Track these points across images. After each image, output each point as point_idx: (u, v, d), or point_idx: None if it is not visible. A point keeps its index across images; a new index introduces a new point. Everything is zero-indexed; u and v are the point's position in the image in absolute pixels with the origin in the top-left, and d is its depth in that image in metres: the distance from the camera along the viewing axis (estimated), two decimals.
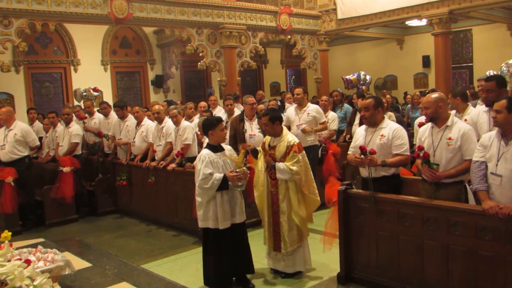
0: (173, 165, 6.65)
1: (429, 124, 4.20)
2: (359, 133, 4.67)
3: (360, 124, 5.46)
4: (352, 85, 12.06)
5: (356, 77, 12.03)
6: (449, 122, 4.06)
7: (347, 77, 12.16)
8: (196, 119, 7.79)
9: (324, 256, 4.73)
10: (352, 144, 4.79)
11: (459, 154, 3.97)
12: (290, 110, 7.56)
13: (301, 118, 7.30)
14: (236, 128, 6.93)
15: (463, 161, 3.96)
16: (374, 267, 4.36)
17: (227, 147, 4.71)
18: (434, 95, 4.15)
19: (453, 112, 4.37)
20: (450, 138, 3.99)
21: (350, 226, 4.50)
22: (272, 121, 4.74)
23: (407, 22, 13.72)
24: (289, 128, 6.99)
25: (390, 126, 4.46)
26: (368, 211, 4.34)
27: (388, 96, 11.12)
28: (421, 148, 4.04)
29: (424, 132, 4.26)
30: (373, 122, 4.52)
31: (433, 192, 4.04)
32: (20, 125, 7.34)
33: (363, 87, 12.09)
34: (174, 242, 6.34)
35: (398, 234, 4.13)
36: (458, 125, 4.04)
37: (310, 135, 7.37)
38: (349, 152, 4.76)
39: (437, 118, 4.09)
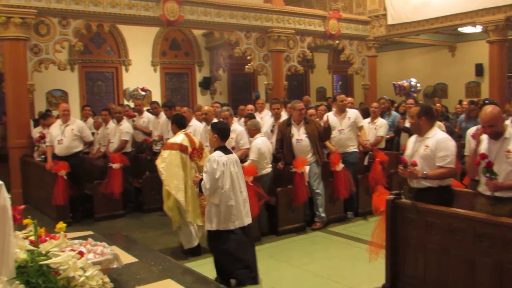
0: None
1: (485, 135, 4.05)
2: (410, 142, 4.59)
3: None
4: (404, 92, 11.82)
5: (409, 84, 11.79)
6: (507, 134, 3.92)
7: (400, 83, 11.92)
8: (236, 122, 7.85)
9: (370, 266, 4.66)
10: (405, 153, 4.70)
11: None
12: (330, 116, 7.53)
13: (342, 123, 7.28)
14: (283, 132, 6.94)
15: None
16: (421, 280, 4.24)
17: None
18: (495, 110, 3.95)
19: (508, 122, 4.20)
20: (509, 151, 3.85)
21: (398, 237, 4.40)
22: None
23: (460, 29, 13.36)
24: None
25: (435, 137, 4.31)
26: (416, 222, 4.22)
27: (438, 104, 10.85)
28: (484, 156, 3.90)
29: (481, 142, 4.11)
30: (418, 131, 4.42)
31: (490, 207, 3.90)
32: (76, 121, 7.72)
33: (415, 95, 11.83)
34: None
35: (448, 248, 3.99)
36: None
37: (351, 141, 7.32)
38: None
39: (498, 133, 3.95)
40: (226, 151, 4.74)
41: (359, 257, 5.30)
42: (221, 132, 4.81)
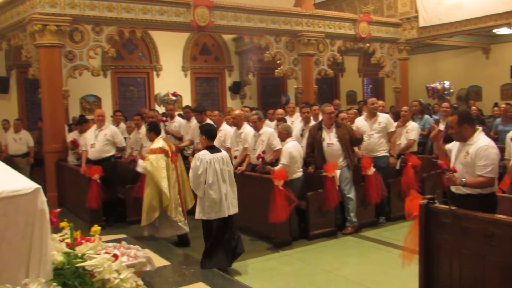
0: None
1: None
2: (454, 147, 4.47)
3: None
4: (438, 95, 11.61)
5: (442, 86, 11.58)
6: None
7: (433, 85, 11.71)
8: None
9: (403, 272, 4.58)
10: None
11: None
12: (360, 120, 7.45)
13: (372, 127, 7.21)
14: (314, 136, 6.91)
15: None
16: (456, 286, 4.15)
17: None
18: None
19: None
20: None
21: (431, 242, 4.30)
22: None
23: (494, 30, 13.03)
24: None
25: (477, 144, 4.12)
26: (451, 227, 4.12)
27: (474, 108, 10.60)
28: None
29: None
30: (462, 139, 4.27)
31: None
32: (110, 127, 7.89)
33: (448, 97, 11.61)
34: (248, 246, 6.35)
35: (484, 254, 3.87)
36: None
37: (381, 146, 7.24)
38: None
39: None
40: (213, 150, 5.25)
41: (392, 262, 5.22)
42: (207, 133, 5.36)
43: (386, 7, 13.45)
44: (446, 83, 11.80)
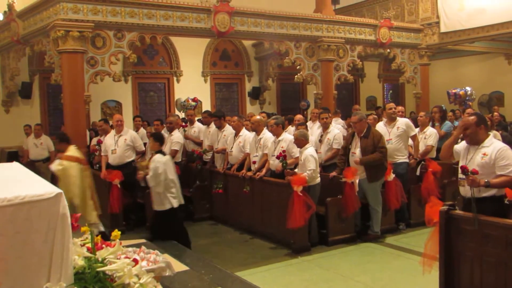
0: (278, 165, 6.68)
1: None
2: (460, 151, 4.46)
3: None
4: (460, 100, 11.47)
5: (464, 92, 11.44)
6: None
7: (455, 91, 11.57)
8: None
9: (423, 279, 4.53)
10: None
11: None
12: (380, 126, 7.38)
13: (391, 132, 7.15)
14: (347, 142, 6.91)
15: None
16: None
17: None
18: None
19: None
20: None
21: (452, 249, 4.26)
22: None
23: None
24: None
25: (494, 146, 4.22)
26: (472, 234, 4.09)
27: (496, 114, 10.44)
28: None
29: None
30: (475, 140, 4.30)
31: None
32: (129, 132, 7.95)
33: (470, 103, 11.47)
34: (267, 252, 6.40)
35: (506, 261, 3.84)
36: None
37: (399, 152, 7.17)
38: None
39: None
40: (163, 153, 6.13)
41: (412, 269, 5.17)
42: (160, 139, 6.23)
43: (407, 13, 13.36)
44: (468, 89, 11.63)
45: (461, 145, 4.51)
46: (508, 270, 3.83)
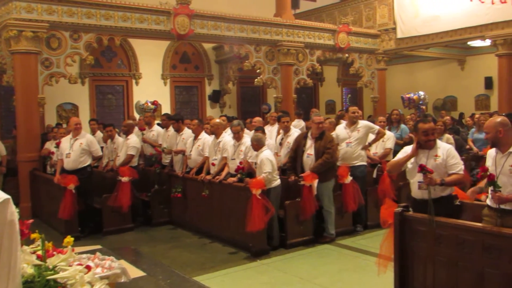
0: (234, 179, 6.68)
1: (494, 149, 4.07)
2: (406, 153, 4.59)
3: None
4: (414, 105, 11.80)
5: (418, 96, 11.78)
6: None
7: (409, 96, 11.90)
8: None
9: (379, 279, 4.62)
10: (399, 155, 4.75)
11: None
12: (340, 128, 7.49)
13: (351, 135, 7.26)
14: (299, 144, 6.93)
15: None
16: None
17: None
18: (495, 119, 4.06)
19: None
20: None
21: (406, 250, 4.37)
22: None
23: (469, 43, 13.33)
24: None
25: (443, 147, 4.48)
26: (425, 235, 4.20)
27: (447, 117, 10.79)
28: (485, 169, 3.93)
29: (489, 156, 4.14)
30: (433, 145, 4.45)
31: (497, 219, 3.88)
32: (86, 136, 7.66)
33: (423, 107, 11.82)
34: (226, 256, 6.37)
35: (457, 260, 3.97)
36: None
37: (358, 155, 7.27)
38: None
39: (499, 143, 3.97)
40: None
41: (368, 269, 5.26)
42: None
43: (365, 19, 13.64)
44: (421, 94, 11.99)
45: (408, 149, 4.64)
46: (459, 269, 3.96)
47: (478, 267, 3.82)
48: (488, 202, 4.03)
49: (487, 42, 11.68)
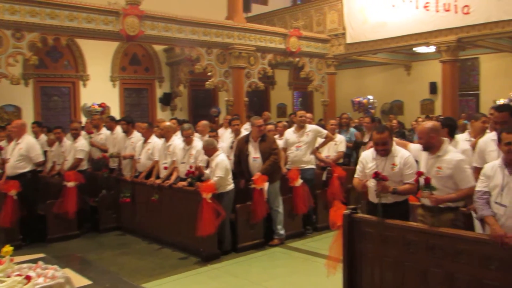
0: (184, 183, 6.58)
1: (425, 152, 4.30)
2: (369, 159, 4.64)
3: None
4: (363, 108, 12.08)
5: (367, 100, 12.08)
6: (440, 152, 4.16)
7: (358, 99, 12.18)
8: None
9: (328, 281, 4.67)
10: (359, 169, 4.77)
11: (450, 182, 4.07)
12: (289, 132, 7.57)
13: (300, 139, 7.33)
14: (241, 149, 6.92)
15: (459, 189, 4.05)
16: None
17: None
18: (427, 125, 4.24)
19: (446, 140, 4.40)
20: (439, 167, 4.10)
21: (355, 251, 4.45)
22: None
23: (415, 49, 13.77)
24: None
25: (401, 155, 4.53)
26: (373, 236, 4.31)
27: (394, 121, 11.11)
28: (420, 173, 4.13)
29: (420, 157, 4.39)
30: (388, 152, 4.53)
31: (430, 218, 4.07)
32: (27, 140, 7.22)
33: (372, 111, 12.12)
34: (176, 261, 6.29)
35: (403, 260, 4.08)
36: (450, 155, 4.13)
37: (308, 158, 7.36)
38: (356, 176, 4.77)
39: (432, 147, 4.19)
40: None
41: (318, 272, 5.31)
42: None
43: (316, 23, 13.84)
44: (370, 98, 12.32)
45: (369, 153, 4.72)
46: (405, 269, 4.07)
47: (423, 266, 3.94)
48: (423, 202, 4.19)
49: (432, 49, 12.10)
